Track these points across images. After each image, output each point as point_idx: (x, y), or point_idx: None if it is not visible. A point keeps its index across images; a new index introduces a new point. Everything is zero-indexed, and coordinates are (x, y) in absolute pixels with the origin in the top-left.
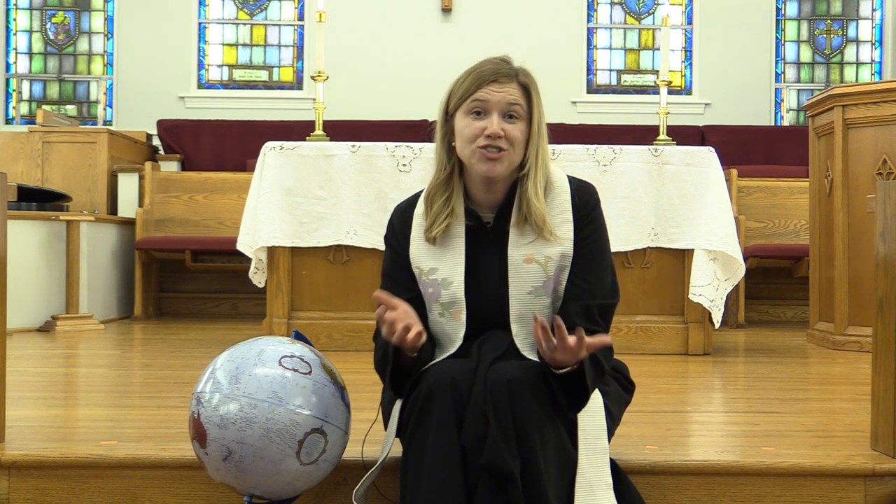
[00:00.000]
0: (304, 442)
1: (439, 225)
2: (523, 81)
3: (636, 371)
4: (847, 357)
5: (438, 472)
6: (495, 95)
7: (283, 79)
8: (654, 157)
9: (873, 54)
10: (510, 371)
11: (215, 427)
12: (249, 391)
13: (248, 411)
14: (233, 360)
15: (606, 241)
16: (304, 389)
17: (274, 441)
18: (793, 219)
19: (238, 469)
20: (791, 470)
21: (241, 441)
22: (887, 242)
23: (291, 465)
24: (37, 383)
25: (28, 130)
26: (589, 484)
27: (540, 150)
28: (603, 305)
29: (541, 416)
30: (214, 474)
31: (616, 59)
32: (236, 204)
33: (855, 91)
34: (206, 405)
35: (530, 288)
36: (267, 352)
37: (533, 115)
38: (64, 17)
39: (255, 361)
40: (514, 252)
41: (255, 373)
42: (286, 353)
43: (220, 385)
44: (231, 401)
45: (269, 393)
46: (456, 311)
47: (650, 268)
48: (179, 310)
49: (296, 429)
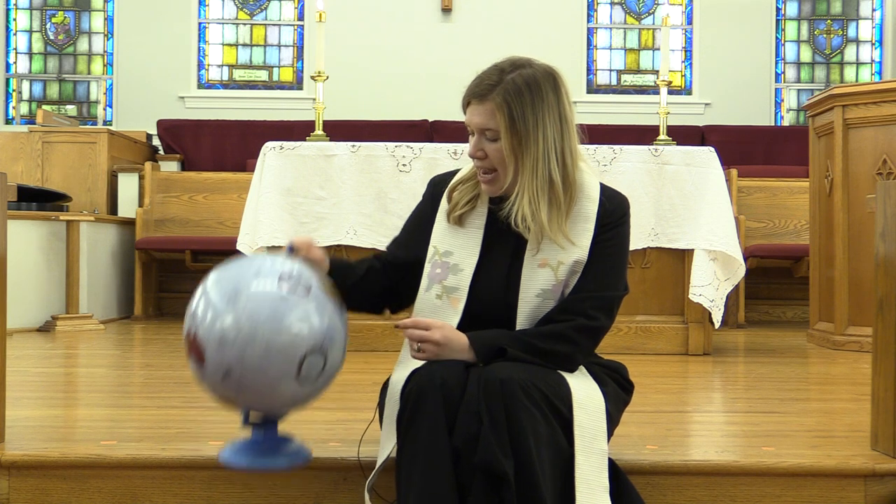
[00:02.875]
0: (303, 363)
1: (462, 208)
2: (497, 100)
3: (636, 371)
4: (847, 357)
5: (430, 473)
6: (472, 118)
7: (282, 79)
8: (654, 157)
9: (873, 54)
10: (504, 371)
11: (214, 346)
12: (249, 310)
13: (248, 331)
14: (229, 278)
15: (622, 253)
16: (304, 309)
17: (273, 361)
18: (793, 219)
19: (237, 387)
20: (791, 470)
21: (240, 360)
22: (887, 242)
23: (290, 385)
24: (37, 383)
25: (28, 130)
26: (588, 484)
27: (527, 167)
28: (600, 297)
29: (534, 415)
30: (211, 392)
31: (616, 59)
32: (236, 204)
33: (855, 91)
34: (203, 323)
35: (539, 290)
36: (264, 269)
37: (515, 129)
38: (64, 17)
39: (253, 279)
40: (529, 255)
41: (253, 291)
42: (285, 271)
43: (216, 303)
44: (230, 319)
45: (269, 312)
46: (455, 298)
47: (650, 268)
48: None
49: (296, 349)
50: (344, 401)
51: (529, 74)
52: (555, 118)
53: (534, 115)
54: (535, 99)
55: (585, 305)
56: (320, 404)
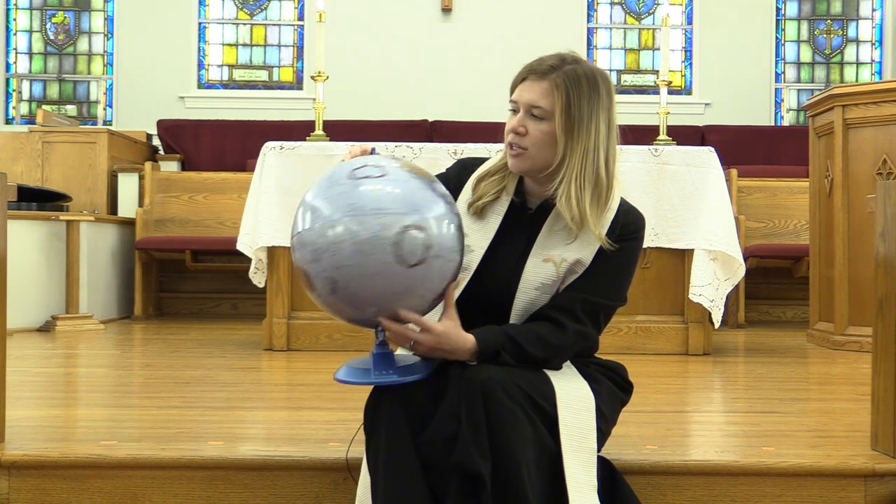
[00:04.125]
0: (399, 243)
1: (484, 199)
2: (557, 81)
3: (636, 371)
4: (847, 357)
5: (394, 479)
6: (522, 94)
7: (283, 79)
8: (654, 157)
9: (873, 54)
10: (484, 371)
11: (310, 264)
12: (325, 216)
13: (330, 235)
14: (308, 197)
15: (627, 266)
16: (380, 191)
17: (367, 253)
18: (793, 219)
19: (350, 296)
20: (791, 470)
21: (337, 267)
22: (887, 242)
23: (397, 271)
24: (37, 383)
25: (28, 130)
26: (578, 483)
27: (576, 152)
28: (592, 302)
29: (517, 414)
30: (341, 315)
31: (616, 59)
32: (236, 204)
33: (855, 91)
34: (296, 249)
35: (539, 284)
36: (336, 173)
37: (570, 114)
38: (64, 17)
39: (327, 187)
40: (537, 250)
41: (327, 195)
42: (357, 166)
43: (300, 224)
44: (312, 233)
45: (344, 209)
46: (461, 277)
47: (650, 268)
48: (179, 310)
49: (385, 231)
50: (344, 401)
51: (589, 70)
52: (606, 118)
53: (588, 106)
54: (592, 93)
55: (576, 307)
56: (320, 404)
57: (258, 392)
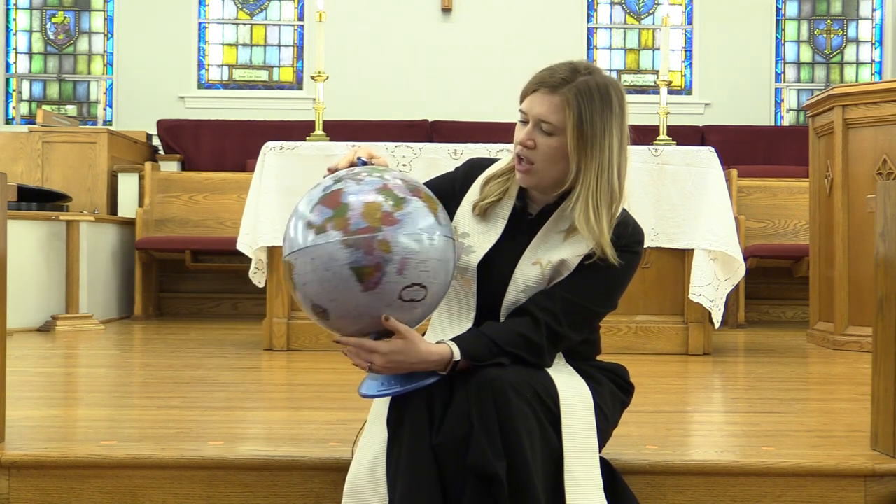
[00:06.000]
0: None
1: (488, 200)
2: (569, 96)
3: (636, 371)
4: (847, 357)
5: (413, 477)
6: (532, 107)
7: (283, 79)
8: (654, 157)
9: (873, 54)
10: (492, 371)
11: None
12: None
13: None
14: None
15: (618, 277)
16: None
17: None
18: (793, 219)
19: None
20: (791, 470)
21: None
22: (887, 242)
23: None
24: (37, 383)
25: (28, 130)
26: (578, 483)
27: (591, 170)
28: (575, 304)
29: (527, 413)
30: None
31: (616, 59)
32: (236, 204)
33: (855, 91)
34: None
35: (525, 286)
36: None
37: (582, 130)
38: (64, 17)
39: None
40: (528, 254)
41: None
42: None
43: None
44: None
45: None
46: (467, 279)
47: (650, 268)
48: (179, 310)
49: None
50: (344, 401)
51: (602, 82)
52: (618, 131)
53: (601, 122)
54: (605, 107)
55: (556, 306)
56: (320, 404)
57: (258, 392)
